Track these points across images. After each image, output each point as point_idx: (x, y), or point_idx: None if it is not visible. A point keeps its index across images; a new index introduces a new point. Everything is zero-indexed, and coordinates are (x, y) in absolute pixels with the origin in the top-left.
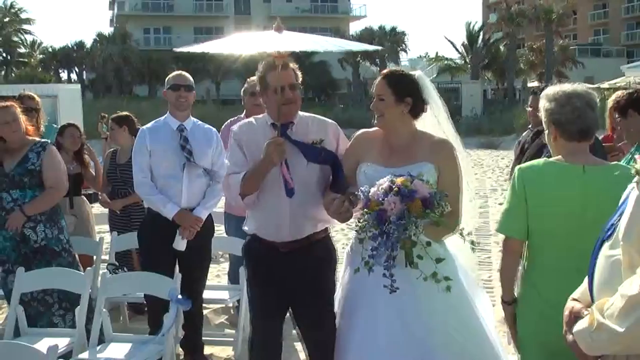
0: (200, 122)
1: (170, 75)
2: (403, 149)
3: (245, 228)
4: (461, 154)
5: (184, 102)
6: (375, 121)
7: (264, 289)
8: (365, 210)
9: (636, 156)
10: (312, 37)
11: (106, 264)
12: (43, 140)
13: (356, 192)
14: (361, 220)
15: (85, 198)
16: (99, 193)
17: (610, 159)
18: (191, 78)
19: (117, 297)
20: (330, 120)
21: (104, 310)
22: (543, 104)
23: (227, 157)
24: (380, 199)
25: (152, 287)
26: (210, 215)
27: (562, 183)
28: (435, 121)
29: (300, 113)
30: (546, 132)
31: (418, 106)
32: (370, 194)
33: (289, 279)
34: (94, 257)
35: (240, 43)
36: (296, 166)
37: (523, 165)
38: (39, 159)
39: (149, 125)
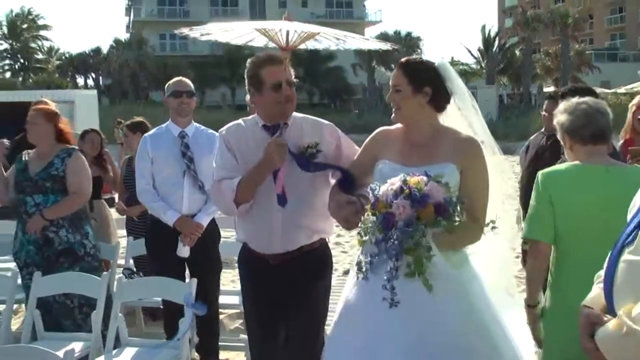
0: (203, 127)
1: (170, 82)
2: (424, 147)
3: (235, 236)
4: (495, 155)
5: (186, 108)
6: (393, 115)
7: (256, 299)
8: (372, 210)
9: None
10: (324, 31)
11: (122, 269)
12: (71, 146)
13: (367, 191)
14: (365, 222)
15: (105, 202)
16: (115, 199)
17: (637, 163)
18: (191, 84)
19: (133, 302)
20: (325, 121)
21: (120, 314)
22: (557, 119)
23: (215, 160)
24: (389, 201)
25: (168, 292)
26: (213, 220)
27: (586, 184)
28: (462, 116)
29: (294, 114)
30: (563, 145)
31: (440, 97)
32: (379, 193)
33: (279, 292)
34: (111, 262)
35: (246, 31)
36: (288, 173)
37: (546, 170)
38: (63, 165)
39: (151, 132)
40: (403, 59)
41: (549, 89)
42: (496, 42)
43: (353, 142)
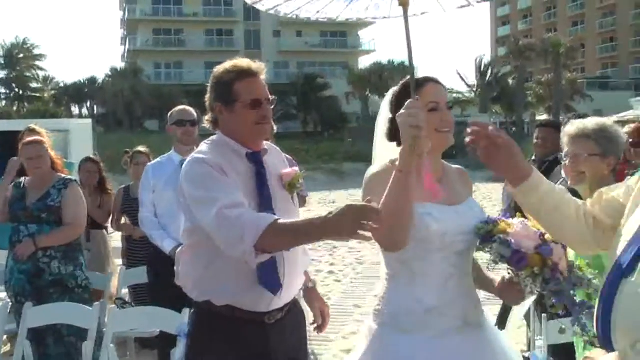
0: None
1: (174, 110)
2: (440, 183)
3: (195, 295)
4: None
5: (190, 138)
6: (440, 139)
7: None
8: (521, 269)
9: None
10: None
11: (114, 299)
12: (67, 177)
13: (489, 250)
14: (532, 286)
15: (105, 232)
16: (122, 220)
17: None
18: (194, 112)
19: (125, 332)
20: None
21: (111, 345)
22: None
23: (208, 188)
24: (548, 252)
25: (160, 322)
26: None
27: None
28: None
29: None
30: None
31: None
32: (522, 247)
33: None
34: (103, 291)
35: None
36: (281, 202)
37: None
38: (60, 196)
39: (154, 161)
40: (430, 76)
41: (542, 117)
42: (489, 71)
43: None
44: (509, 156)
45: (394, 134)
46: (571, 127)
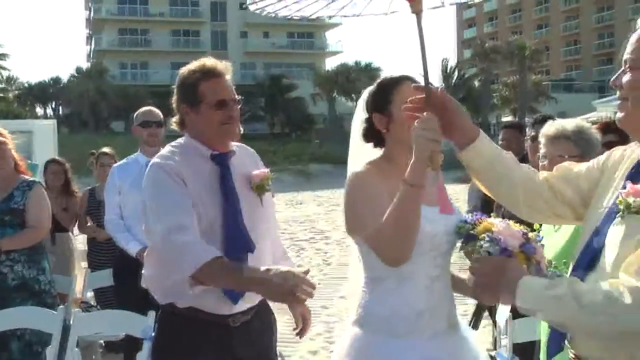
0: None
1: (139, 111)
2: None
3: (159, 297)
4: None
5: (156, 139)
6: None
7: None
8: None
9: (623, 190)
10: None
11: (79, 302)
12: (31, 179)
13: (476, 248)
14: None
15: (71, 235)
16: (88, 223)
17: None
18: (161, 113)
19: (90, 336)
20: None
21: (76, 349)
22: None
23: (161, 201)
24: (532, 251)
25: (125, 325)
26: None
27: None
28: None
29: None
30: None
31: None
32: (509, 245)
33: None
34: (67, 295)
35: None
36: (248, 204)
37: None
38: (24, 198)
39: (119, 162)
40: (406, 74)
41: (507, 118)
42: (456, 73)
43: None
44: (457, 115)
45: (370, 135)
46: (550, 128)
